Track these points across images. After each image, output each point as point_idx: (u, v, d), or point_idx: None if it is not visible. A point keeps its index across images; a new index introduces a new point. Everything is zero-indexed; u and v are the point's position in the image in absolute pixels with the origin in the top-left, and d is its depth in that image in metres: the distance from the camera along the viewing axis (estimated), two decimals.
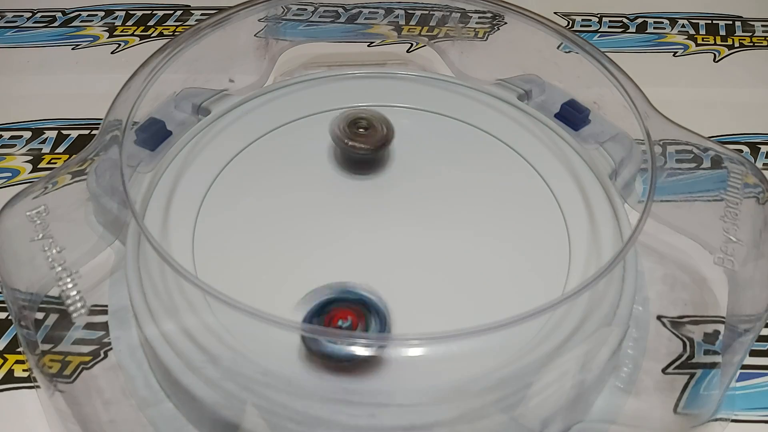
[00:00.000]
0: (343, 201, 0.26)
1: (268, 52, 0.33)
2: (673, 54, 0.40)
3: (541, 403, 0.20)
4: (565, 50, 0.29)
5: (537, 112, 0.29)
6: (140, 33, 0.40)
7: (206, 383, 0.20)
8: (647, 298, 0.25)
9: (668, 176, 0.26)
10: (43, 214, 0.23)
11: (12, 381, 0.24)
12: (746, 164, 0.25)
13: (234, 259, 0.23)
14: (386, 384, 0.20)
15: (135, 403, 0.22)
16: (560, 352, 0.21)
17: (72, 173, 0.25)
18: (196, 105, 0.30)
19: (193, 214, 0.25)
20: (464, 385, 0.20)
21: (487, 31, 0.36)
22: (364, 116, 0.26)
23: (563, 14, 0.42)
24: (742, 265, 0.23)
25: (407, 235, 0.25)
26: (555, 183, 0.26)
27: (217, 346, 0.21)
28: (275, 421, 0.20)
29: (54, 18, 0.41)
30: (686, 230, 0.25)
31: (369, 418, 0.20)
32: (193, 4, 0.42)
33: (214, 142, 0.28)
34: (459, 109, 0.29)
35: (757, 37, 0.41)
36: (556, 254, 0.24)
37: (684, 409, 0.23)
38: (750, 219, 0.24)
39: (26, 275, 0.22)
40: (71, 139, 0.33)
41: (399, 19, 0.37)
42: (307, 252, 0.24)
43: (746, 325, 0.22)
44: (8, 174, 0.32)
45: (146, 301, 0.22)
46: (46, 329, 0.23)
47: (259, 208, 0.25)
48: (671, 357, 0.24)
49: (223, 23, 0.28)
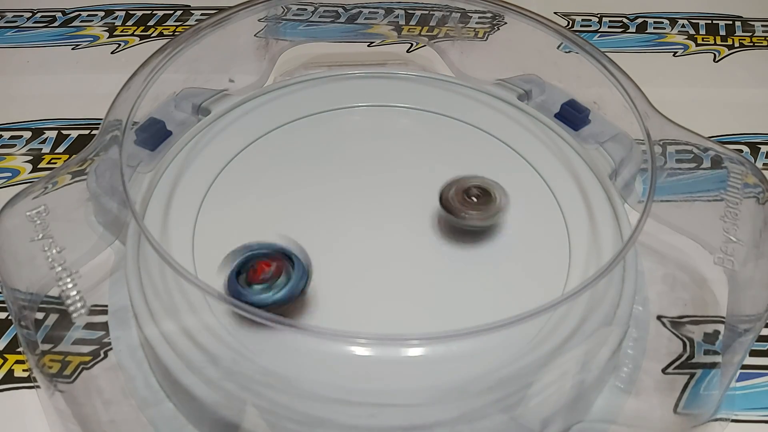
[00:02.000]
0: (343, 201, 0.26)
1: (268, 52, 0.33)
2: (673, 54, 0.40)
3: (541, 403, 0.20)
4: (565, 50, 0.29)
5: (537, 112, 0.29)
6: (140, 33, 0.40)
7: (206, 383, 0.20)
8: (647, 298, 0.25)
9: (668, 176, 0.26)
10: (43, 214, 0.23)
11: (12, 381, 0.24)
12: (746, 164, 0.25)
13: None
14: (386, 384, 0.20)
15: (135, 403, 0.22)
16: (560, 352, 0.21)
17: (72, 173, 0.25)
18: (196, 105, 0.30)
19: (193, 214, 0.25)
20: (464, 385, 0.20)
21: (487, 31, 0.36)
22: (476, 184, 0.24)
23: (563, 14, 0.42)
24: (742, 265, 0.23)
25: (407, 234, 0.24)
26: (555, 183, 0.26)
27: (217, 346, 0.21)
28: (275, 421, 0.20)
29: (54, 18, 0.41)
30: (686, 230, 0.25)
31: (369, 418, 0.20)
32: (193, 4, 0.42)
33: (214, 142, 0.28)
34: (459, 109, 0.29)
35: (757, 37, 0.41)
36: (556, 254, 0.24)
37: (684, 409, 0.23)
38: (750, 219, 0.24)
39: (26, 275, 0.22)
40: (71, 139, 0.33)
41: (399, 19, 0.37)
42: (308, 251, 0.24)
43: (746, 325, 0.22)
44: (8, 174, 0.32)
45: (146, 301, 0.22)
46: (46, 329, 0.23)
47: (259, 208, 0.25)
48: (671, 357, 0.24)
49: (223, 23, 0.28)
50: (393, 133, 0.29)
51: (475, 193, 0.24)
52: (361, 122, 0.29)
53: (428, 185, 0.26)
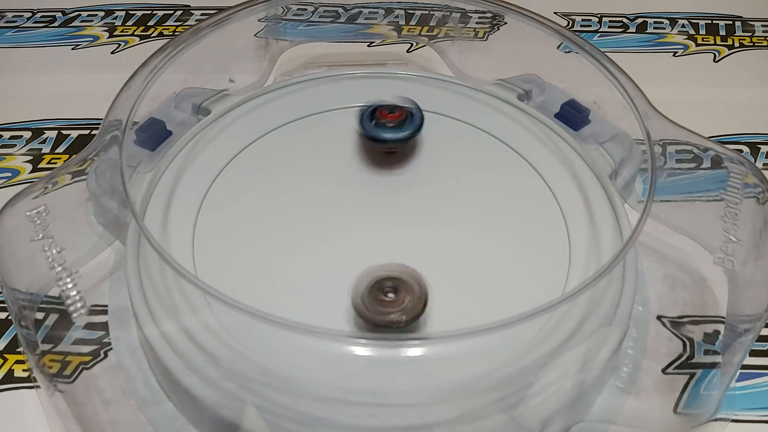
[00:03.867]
0: (343, 201, 0.26)
1: (268, 52, 0.33)
2: (673, 54, 0.40)
3: (541, 403, 0.20)
4: (565, 50, 0.29)
5: (537, 112, 0.29)
6: (140, 33, 0.40)
7: (206, 383, 0.20)
8: (647, 298, 0.25)
9: (668, 176, 0.26)
10: (43, 214, 0.23)
11: (12, 381, 0.24)
12: (746, 164, 0.25)
13: (234, 259, 0.23)
14: (386, 384, 0.20)
15: (135, 403, 0.22)
16: (560, 352, 0.21)
17: (72, 173, 0.25)
18: (196, 105, 0.30)
19: (193, 214, 0.25)
20: (464, 385, 0.20)
21: (487, 31, 0.36)
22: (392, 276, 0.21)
23: (563, 14, 0.42)
24: (742, 265, 0.23)
25: (407, 234, 0.24)
26: (555, 183, 0.26)
27: (217, 346, 0.21)
28: (275, 421, 0.20)
29: (54, 18, 0.41)
30: (686, 230, 0.25)
31: (369, 418, 0.20)
32: (193, 4, 0.42)
33: (214, 142, 0.28)
34: (459, 109, 0.29)
35: (757, 37, 0.41)
36: (556, 254, 0.24)
37: (684, 409, 0.23)
38: (750, 219, 0.24)
39: (26, 275, 0.22)
40: (71, 139, 0.33)
41: (399, 19, 0.37)
42: (307, 252, 0.24)
43: (746, 325, 0.22)
44: (8, 174, 0.32)
45: (146, 301, 0.22)
46: (46, 329, 0.23)
47: (259, 208, 0.25)
48: (671, 357, 0.24)
49: (223, 23, 0.28)
50: None
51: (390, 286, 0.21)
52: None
53: (428, 185, 0.26)
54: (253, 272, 0.23)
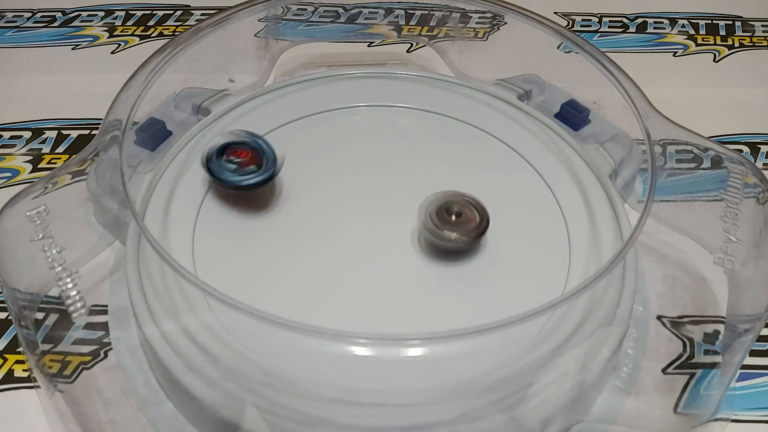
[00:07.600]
0: (343, 201, 0.26)
1: (268, 52, 0.33)
2: (673, 54, 0.40)
3: (541, 403, 0.20)
4: (565, 50, 0.29)
5: (537, 112, 0.29)
6: (140, 33, 0.40)
7: (206, 383, 0.20)
8: (647, 298, 0.25)
9: (668, 176, 0.26)
10: (43, 214, 0.23)
11: (12, 381, 0.24)
12: (746, 164, 0.25)
13: (234, 259, 0.23)
14: (386, 384, 0.20)
15: (135, 403, 0.22)
16: (560, 352, 0.21)
17: (72, 173, 0.25)
18: (196, 105, 0.30)
19: (193, 214, 0.25)
20: (464, 385, 0.20)
21: (487, 31, 0.36)
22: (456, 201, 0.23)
23: (563, 14, 0.42)
24: (742, 265, 0.23)
25: (407, 234, 0.24)
26: (555, 183, 0.26)
27: (217, 346, 0.21)
28: (275, 421, 0.20)
29: (54, 18, 0.41)
30: (686, 230, 0.25)
31: (368, 418, 0.20)
32: (193, 4, 0.42)
33: (214, 142, 0.28)
34: (459, 109, 0.29)
35: (757, 37, 0.41)
36: (556, 254, 0.24)
37: (684, 409, 0.23)
38: (750, 219, 0.24)
39: (26, 275, 0.22)
40: (71, 139, 0.33)
41: (399, 19, 0.37)
42: (307, 251, 0.24)
43: (746, 325, 0.22)
44: (8, 174, 0.32)
45: (146, 301, 0.22)
46: (46, 329, 0.23)
47: (260, 208, 0.25)
48: (671, 357, 0.24)
49: (223, 23, 0.28)
50: (393, 133, 0.29)
51: (456, 211, 0.23)
52: (361, 122, 0.29)
53: (428, 185, 0.26)
54: (253, 272, 0.23)
